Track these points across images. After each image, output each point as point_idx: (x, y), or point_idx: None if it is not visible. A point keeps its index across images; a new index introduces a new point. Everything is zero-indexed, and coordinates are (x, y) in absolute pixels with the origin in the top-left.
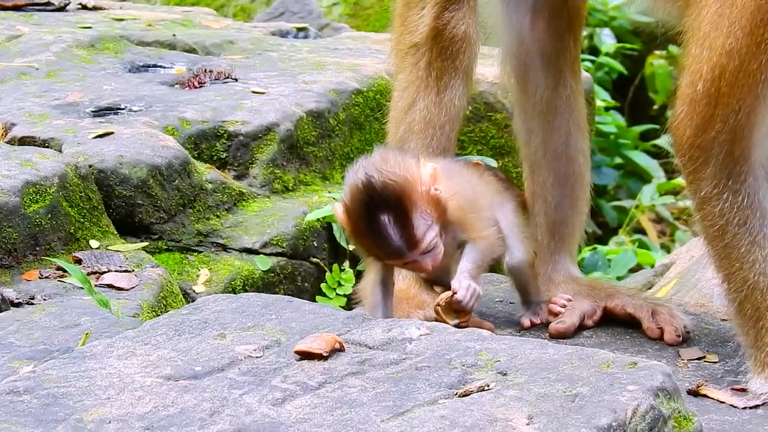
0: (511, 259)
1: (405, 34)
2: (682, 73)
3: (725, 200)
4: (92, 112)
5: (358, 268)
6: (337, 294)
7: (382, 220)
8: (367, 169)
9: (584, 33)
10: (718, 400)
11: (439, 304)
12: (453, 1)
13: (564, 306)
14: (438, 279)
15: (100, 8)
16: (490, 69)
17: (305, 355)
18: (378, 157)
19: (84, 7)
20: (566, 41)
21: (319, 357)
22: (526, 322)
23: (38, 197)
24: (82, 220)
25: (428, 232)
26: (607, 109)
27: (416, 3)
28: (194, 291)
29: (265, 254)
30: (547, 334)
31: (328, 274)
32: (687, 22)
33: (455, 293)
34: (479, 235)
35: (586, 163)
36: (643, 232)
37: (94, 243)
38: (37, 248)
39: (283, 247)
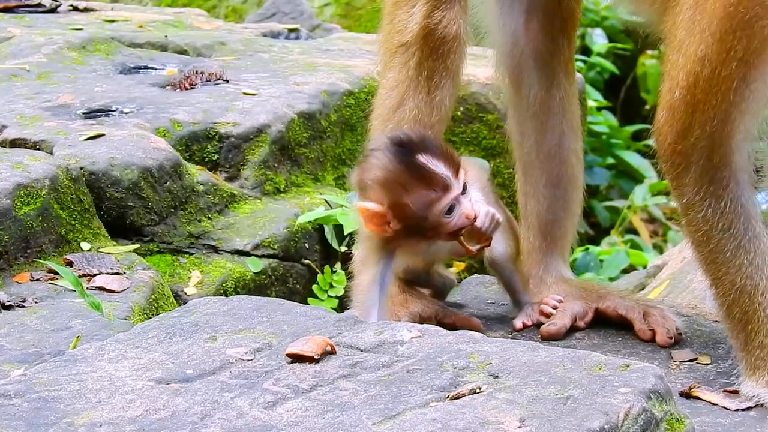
0: (490, 253)
1: (394, 33)
2: (663, 80)
3: (708, 206)
4: (83, 113)
5: (350, 269)
6: (328, 296)
7: (421, 159)
8: (388, 138)
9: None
10: (710, 402)
11: (461, 235)
12: (444, 0)
13: (555, 307)
14: (420, 279)
15: (91, 10)
16: (481, 70)
17: (296, 358)
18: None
19: (75, 9)
20: (560, 42)
21: (310, 360)
22: (518, 324)
23: (29, 199)
24: (73, 222)
25: (461, 159)
26: (599, 109)
27: (406, 1)
28: (186, 293)
29: (257, 256)
30: (539, 336)
31: (319, 275)
32: (665, 29)
33: (474, 220)
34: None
35: (579, 165)
36: (635, 232)
37: (85, 245)
38: (29, 251)
39: (275, 249)
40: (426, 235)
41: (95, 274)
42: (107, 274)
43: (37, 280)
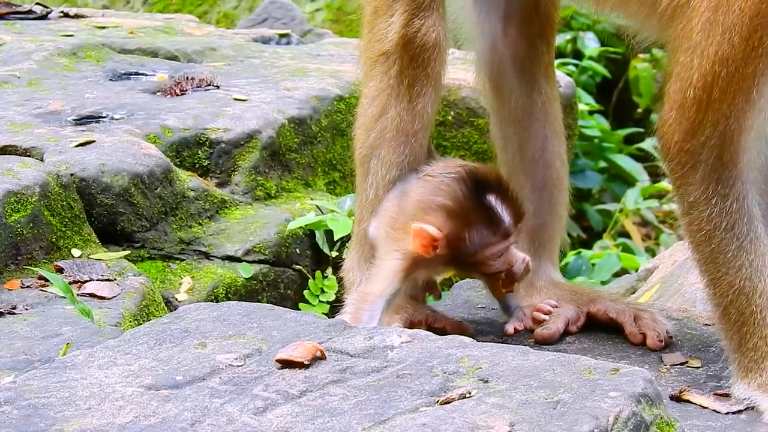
0: None
1: (374, 42)
2: (670, 80)
3: (714, 205)
4: (74, 120)
5: (341, 275)
6: (320, 301)
7: (492, 202)
8: (465, 169)
9: (568, 37)
10: (700, 406)
11: (498, 279)
12: (423, 8)
13: (549, 312)
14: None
15: (82, 16)
16: (471, 74)
17: (286, 364)
18: (441, 162)
19: (66, 15)
20: (539, 47)
21: (300, 365)
22: (510, 329)
23: (20, 206)
24: (63, 228)
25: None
26: (591, 112)
27: (384, 10)
28: (177, 299)
29: (248, 262)
30: (530, 340)
31: (311, 281)
32: (673, 33)
33: (512, 266)
34: None
35: (564, 168)
36: (627, 235)
37: (75, 252)
38: (19, 258)
39: (266, 255)
40: (464, 267)
41: (86, 281)
42: (98, 280)
43: (28, 287)
